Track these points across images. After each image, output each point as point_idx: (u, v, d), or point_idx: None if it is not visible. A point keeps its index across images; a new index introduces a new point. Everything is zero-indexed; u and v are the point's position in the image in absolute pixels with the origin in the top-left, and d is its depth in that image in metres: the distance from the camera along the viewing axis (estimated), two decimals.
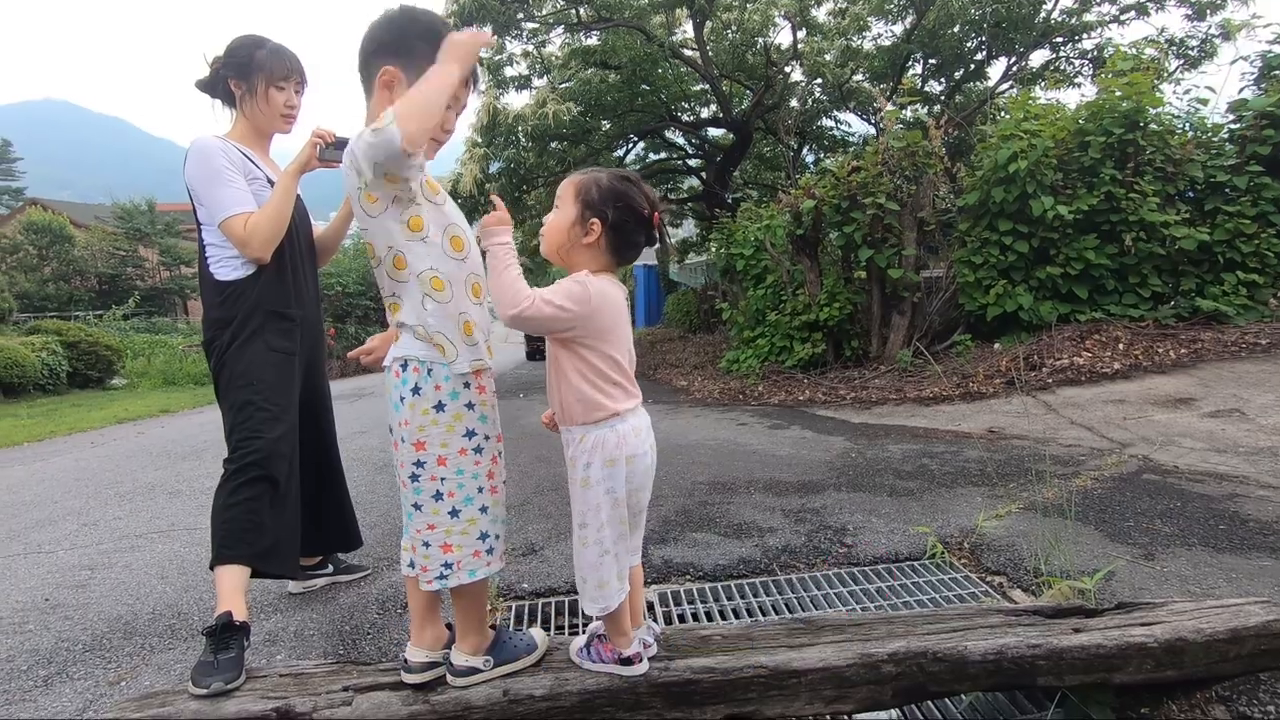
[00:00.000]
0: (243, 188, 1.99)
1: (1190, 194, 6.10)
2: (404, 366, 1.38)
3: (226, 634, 1.62)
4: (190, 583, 2.64)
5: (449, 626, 1.51)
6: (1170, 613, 1.50)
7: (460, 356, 1.39)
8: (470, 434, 1.41)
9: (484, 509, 1.44)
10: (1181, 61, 11.35)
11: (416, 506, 1.41)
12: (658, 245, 1.54)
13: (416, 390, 1.37)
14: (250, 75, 2.06)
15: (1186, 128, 6.33)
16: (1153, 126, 5.98)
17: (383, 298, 1.47)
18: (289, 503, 2.05)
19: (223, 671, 1.48)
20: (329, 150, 2.05)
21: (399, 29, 1.42)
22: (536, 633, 1.52)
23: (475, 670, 1.40)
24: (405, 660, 1.43)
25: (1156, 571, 2.23)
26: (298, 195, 2.13)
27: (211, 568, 1.88)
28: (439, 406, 1.38)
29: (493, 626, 1.48)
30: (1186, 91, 6.51)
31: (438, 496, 1.40)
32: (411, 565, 1.47)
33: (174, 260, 23.47)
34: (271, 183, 2.08)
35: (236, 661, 1.53)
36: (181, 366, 13.88)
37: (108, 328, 15.70)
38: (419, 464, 1.39)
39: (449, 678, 1.40)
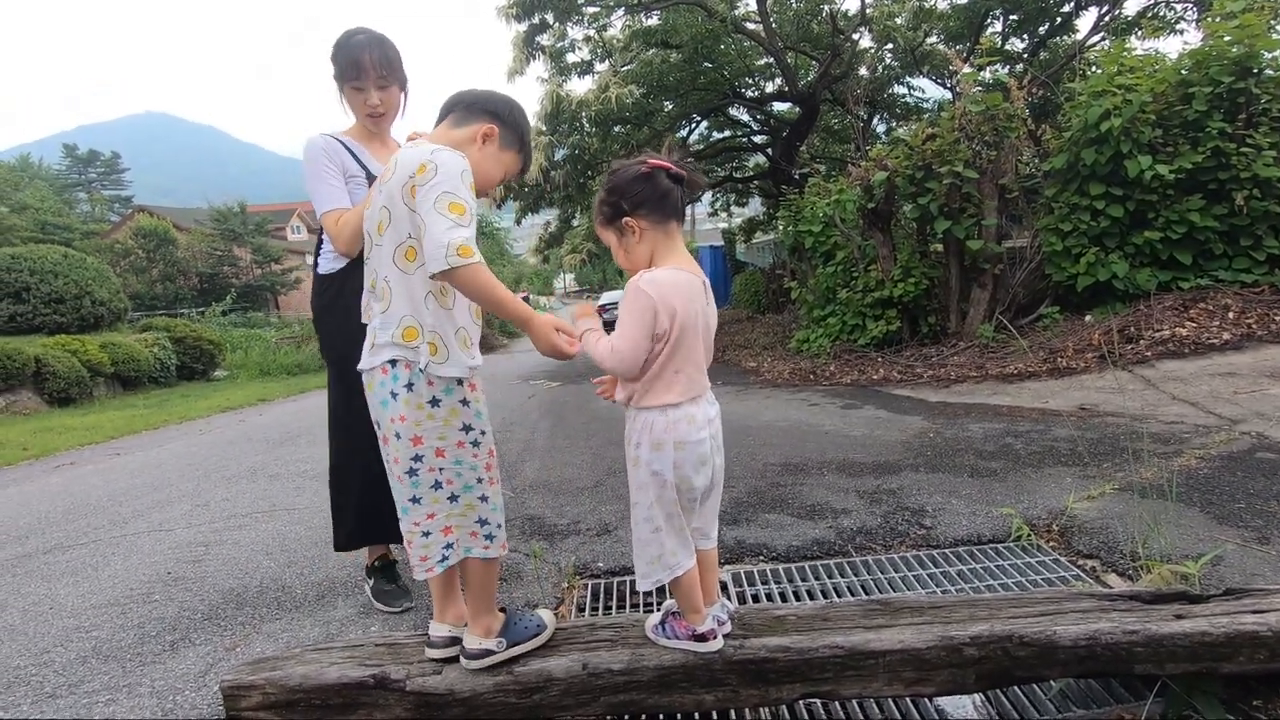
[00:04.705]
0: (338, 185, 2.09)
1: None
2: (393, 364, 1.41)
3: (390, 567, 1.84)
4: (292, 559, 2.83)
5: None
6: None
7: (451, 358, 1.40)
8: (467, 428, 1.44)
9: (484, 498, 1.48)
10: None
11: (415, 500, 1.45)
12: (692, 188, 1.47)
13: (410, 386, 1.40)
14: (338, 76, 2.16)
15: None
16: (1268, 72, 5.43)
17: (369, 276, 1.47)
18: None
19: (400, 596, 1.70)
20: None
21: (515, 115, 1.55)
22: (544, 613, 1.55)
23: (489, 652, 1.43)
24: (429, 638, 1.51)
25: (1272, 556, 2.07)
26: None
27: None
28: (434, 402, 1.40)
29: (502, 609, 1.51)
30: None
31: (436, 486, 1.44)
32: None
33: (265, 258, 24.85)
34: (372, 179, 2.17)
35: (406, 589, 1.76)
36: (275, 358, 14.77)
37: (209, 323, 16.84)
38: (417, 458, 1.42)
39: (462, 660, 1.44)
